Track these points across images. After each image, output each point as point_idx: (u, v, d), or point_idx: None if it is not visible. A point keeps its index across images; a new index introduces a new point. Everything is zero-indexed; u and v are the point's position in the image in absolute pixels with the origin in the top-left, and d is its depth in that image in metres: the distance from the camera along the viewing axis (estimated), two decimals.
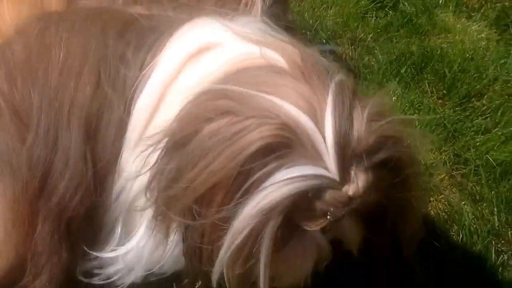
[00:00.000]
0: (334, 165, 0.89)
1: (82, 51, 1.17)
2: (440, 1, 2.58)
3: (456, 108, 2.05)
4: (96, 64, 1.17)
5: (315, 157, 0.89)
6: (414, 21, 2.46)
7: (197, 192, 0.94)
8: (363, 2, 2.50)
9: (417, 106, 2.02)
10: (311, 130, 0.90)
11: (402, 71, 2.17)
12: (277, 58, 1.05)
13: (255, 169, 0.89)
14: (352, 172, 0.90)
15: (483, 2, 2.60)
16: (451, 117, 1.99)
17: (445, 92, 2.11)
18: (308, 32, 2.33)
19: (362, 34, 2.36)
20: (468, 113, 2.03)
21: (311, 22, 2.39)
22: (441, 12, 2.54)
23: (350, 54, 2.27)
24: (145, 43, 1.18)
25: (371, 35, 2.36)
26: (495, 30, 2.45)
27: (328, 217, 0.91)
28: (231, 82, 0.99)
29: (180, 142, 0.99)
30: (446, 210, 1.70)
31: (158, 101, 1.13)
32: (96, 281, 1.24)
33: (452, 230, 1.64)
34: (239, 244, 0.90)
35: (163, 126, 1.04)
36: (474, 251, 1.57)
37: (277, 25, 1.23)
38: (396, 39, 2.37)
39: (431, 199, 1.74)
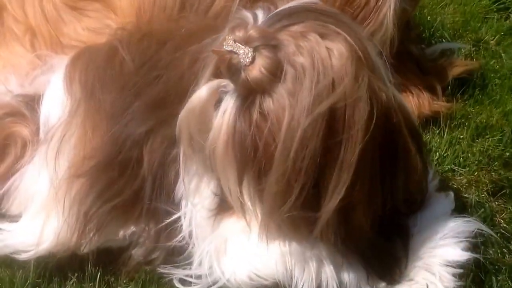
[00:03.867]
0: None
1: None
2: None
3: None
4: None
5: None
6: None
7: None
8: (484, 1, 2.31)
9: None
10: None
11: None
12: None
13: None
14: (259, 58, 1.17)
15: None
16: None
17: None
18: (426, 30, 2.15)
19: (486, 36, 2.17)
20: None
21: (429, 18, 2.20)
22: None
23: (473, 56, 2.08)
24: None
25: (494, 38, 2.17)
26: None
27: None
28: None
29: None
30: None
31: None
32: None
33: None
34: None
35: None
36: None
37: None
38: None
39: None
